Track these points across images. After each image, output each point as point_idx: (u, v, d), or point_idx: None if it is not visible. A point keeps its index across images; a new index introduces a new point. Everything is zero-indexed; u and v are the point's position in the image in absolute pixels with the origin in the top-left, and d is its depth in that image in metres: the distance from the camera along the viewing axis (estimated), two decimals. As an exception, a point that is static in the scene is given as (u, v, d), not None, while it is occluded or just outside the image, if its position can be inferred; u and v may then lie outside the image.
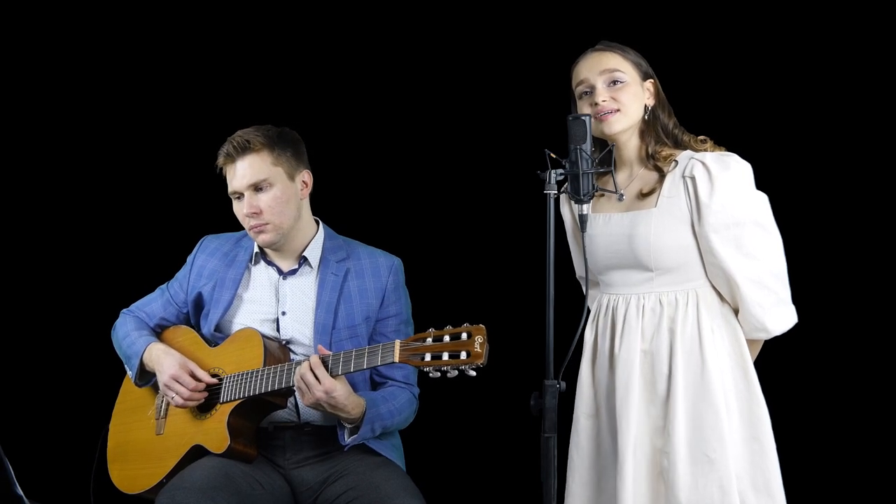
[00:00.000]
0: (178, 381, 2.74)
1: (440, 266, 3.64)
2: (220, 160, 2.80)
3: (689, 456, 2.50)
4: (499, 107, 3.73)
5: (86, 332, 3.80)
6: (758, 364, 2.61)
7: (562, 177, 2.39)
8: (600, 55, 2.62)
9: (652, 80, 2.63)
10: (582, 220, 2.46)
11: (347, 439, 2.70)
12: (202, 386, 2.75)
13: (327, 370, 2.58)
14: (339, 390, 2.58)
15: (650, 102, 2.62)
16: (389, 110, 3.85)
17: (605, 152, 2.48)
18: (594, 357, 2.65)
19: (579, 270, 2.80)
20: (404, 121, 3.84)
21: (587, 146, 2.37)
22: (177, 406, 2.77)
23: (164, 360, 2.79)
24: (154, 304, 2.98)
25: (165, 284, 3.01)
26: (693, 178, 2.53)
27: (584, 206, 2.44)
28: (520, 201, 2.93)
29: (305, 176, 2.85)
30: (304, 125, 2.95)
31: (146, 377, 2.89)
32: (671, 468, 2.50)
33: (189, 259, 2.98)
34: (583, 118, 2.37)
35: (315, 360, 2.58)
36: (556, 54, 2.78)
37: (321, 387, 2.56)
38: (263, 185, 2.76)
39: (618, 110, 2.57)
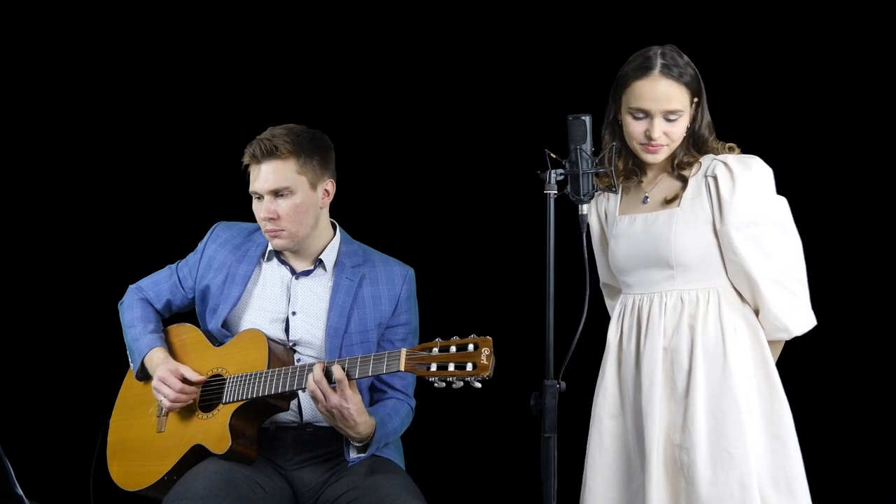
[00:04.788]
0: (164, 384, 2.75)
1: (440, 265, 3.63)
2: (246, 158, 2.77)
3: (709, 452, 2.51)
4: (499, 107, 3.73)
5: (86, 329, 3.81)
6: (780, 365, 2.61)
7: (562, 177, 2.39)
8: (668, 87, 2.55)
9: (697, 100, 2.61)
10: (581, 220, 2.46)
11: (352, 456, 2.70)
12: (189, 388, 2.75)
13: (330, 380, 2.57)
14: (353, 401, 2.57)
15: (689, 122, 2.62)
16: (387, 111, 3.85)
17: (605, 152, 2.48)
18: (619, 357, 2.66)
19: (604, 277, 2.82)
20: (402, 121, 3.85)
21: (587, 146, 2.38)
22: (166, 408, 2.78)
23: (160, 366, 2.79)
24: (162, 285, 2.97)
25: (176, 265, 2.99)
26: (715, 178, 2.56)
27: (585, 206, 2.44)
28: (519, 201, 2.93)
29: (328, 185, 2.82)
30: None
31: (145, 373, 2.89)
32: (691, 464, 2.52)
33: (200, 246, 2.96)
34: (583, 118, 2.37)
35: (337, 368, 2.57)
36: (556, 55, 2.78)
37: (337, 396, 2.55)
38: (284, 192, 2.74)
39: (667, 144, 2.59)
